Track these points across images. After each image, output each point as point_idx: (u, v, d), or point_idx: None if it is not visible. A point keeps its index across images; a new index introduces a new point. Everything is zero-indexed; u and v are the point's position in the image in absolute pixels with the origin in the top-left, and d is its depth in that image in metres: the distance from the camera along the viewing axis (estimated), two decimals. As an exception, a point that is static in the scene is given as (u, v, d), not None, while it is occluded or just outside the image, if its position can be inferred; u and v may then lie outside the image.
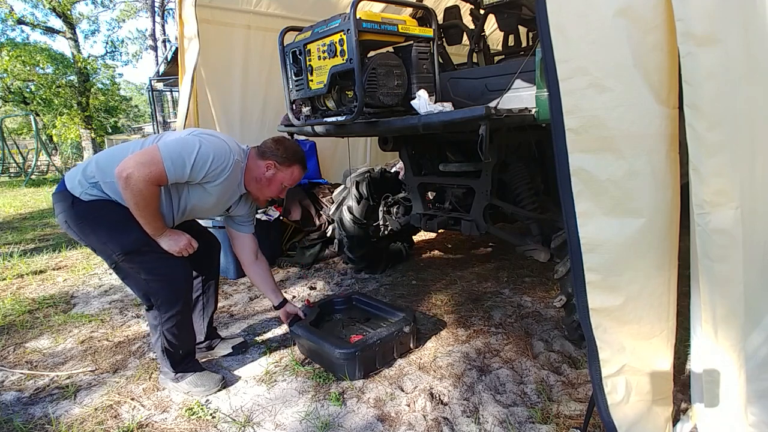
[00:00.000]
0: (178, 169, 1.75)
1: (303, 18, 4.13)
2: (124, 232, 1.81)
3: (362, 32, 2.03)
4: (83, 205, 1.82)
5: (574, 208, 1.25)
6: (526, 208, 2.68)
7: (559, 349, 2.21)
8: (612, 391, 1.34)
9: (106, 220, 1.82)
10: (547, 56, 1.19)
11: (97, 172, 1.83)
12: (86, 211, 1.82)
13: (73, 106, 18.72)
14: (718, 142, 1.13)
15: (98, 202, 1.82)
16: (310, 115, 2.43)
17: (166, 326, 1.91)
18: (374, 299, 2.61)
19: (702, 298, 1.29)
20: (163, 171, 1.72)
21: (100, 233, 1.83)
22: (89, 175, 1.84)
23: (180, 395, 1.98)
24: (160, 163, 1.71)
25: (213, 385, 2.00)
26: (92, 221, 1.83)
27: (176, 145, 1.77)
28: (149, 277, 1.87)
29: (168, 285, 1.89)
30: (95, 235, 1.84)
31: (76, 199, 1.82)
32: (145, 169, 1.68)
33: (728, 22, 1.08)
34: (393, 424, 1.75)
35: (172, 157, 1.73)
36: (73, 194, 1.83)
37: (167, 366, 2.00)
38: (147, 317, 1.97)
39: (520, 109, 1.95)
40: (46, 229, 5.87)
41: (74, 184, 1.84)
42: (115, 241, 1.82)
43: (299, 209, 3.88)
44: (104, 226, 1.83)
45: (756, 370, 1.30)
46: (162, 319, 1.90)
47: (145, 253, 1.84)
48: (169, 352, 1.97)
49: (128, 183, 1.68)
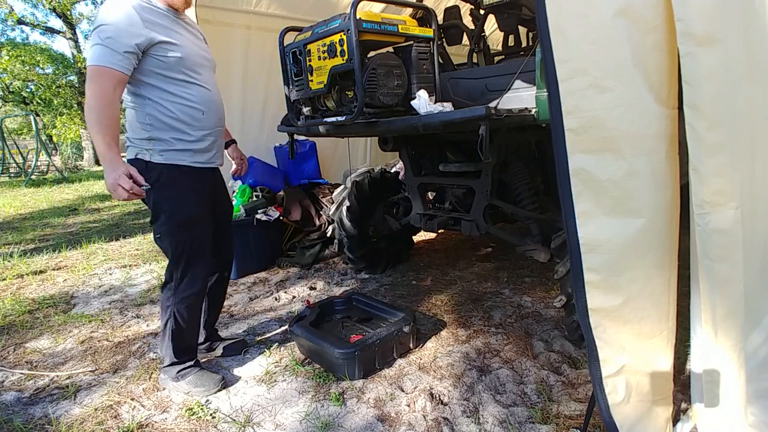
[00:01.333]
0: (110, 53, 1.67)
1: (303, 18, 4.13)
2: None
3: (362, 32, 2.03)
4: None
5: (574, 209, 1.25)
6: (526, 208, 2.68)
7: (559, 349, 2.21)
8: (612, 392, 1.34)
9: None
10: (546, 57, 1.19)
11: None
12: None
13: (73, 106, 18.73)
14: (718, 142, 1.13)
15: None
16: (310, 115, 2.43)
17: (179, 306, 1.94)
18: (374, 299, 2.61)
19: (702, 298, 1.29)
20: (107, 70, 1.68)
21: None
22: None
23: (180, 395, 1.98)
24: (99, 69, 1.68)
25: (213, 386, 2.00)
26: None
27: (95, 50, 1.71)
28: (182, 251, 1.92)
29: (193, 265, 1.94)
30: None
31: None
32: (94, 85, 1.68)
33: (728, 22, 1.08)
34: (393, 424, 1.75)
35: (101, 51, 1.68)
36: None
37: (169, 353, 1.99)
38: (161, 299, 1.99)
39: (520, 109, 1.95)
40: (46, 229, 5.87)
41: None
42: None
43: (299, 209, 3.88)
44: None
45: (756, 370, 1.30)
46: (176, 298, 1.93)
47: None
48: (175, 336, 1.97)
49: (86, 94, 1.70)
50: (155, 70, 1.79)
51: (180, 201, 1.90)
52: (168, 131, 1.85)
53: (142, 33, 1.72)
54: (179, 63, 1.84)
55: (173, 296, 1.94)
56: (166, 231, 1.91)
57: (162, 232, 1.92)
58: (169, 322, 1.96)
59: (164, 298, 1.97)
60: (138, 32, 1.71)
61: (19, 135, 23.59)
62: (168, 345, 1.99)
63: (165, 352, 2.02)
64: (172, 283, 1.95)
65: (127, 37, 1.69)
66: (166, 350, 2.01)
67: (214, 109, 1.98)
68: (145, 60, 1.77)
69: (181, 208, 1.89)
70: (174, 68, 1.82)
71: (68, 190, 10.40)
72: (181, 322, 1.97)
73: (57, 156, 17.41)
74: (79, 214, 7.06)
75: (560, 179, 1.25)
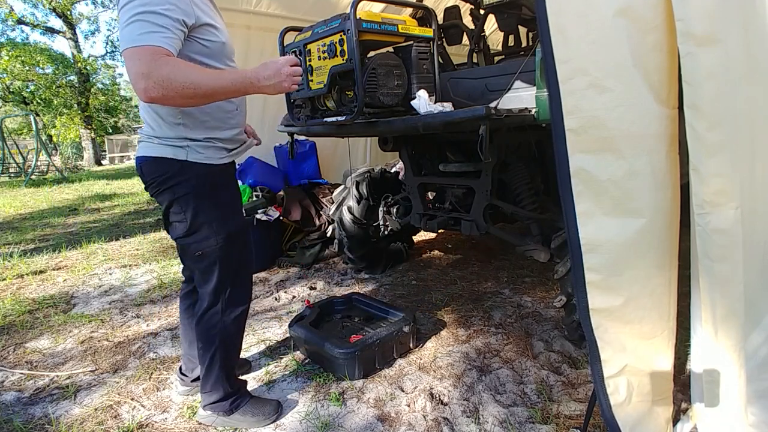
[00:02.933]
0: (157, 30, 1.33)
1: (303, 18, 4.12)
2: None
3: (362, 32, 2.03)
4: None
5: (575, 209, 1.25)
6: (526, 208, 2.68)
7: (559, 349, 2.21)
8: (614, 392, 1.34)
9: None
10: (547, 57, 1.19)
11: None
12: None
13: (73, 106, 18.75)
14: (719, 142, 1.13)
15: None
16: (310, 115, 2.43)
17: (230, 328, 1.68)
18: (374, 299, 2.61)
19: (702, 298, 1.29)
20: (149, 49, 1.31)
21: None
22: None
23: (180, 396, 1.98)
24: (147, 48, 1.31)
25: (271, 412, 1.78)
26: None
27: (134, 26, 1.33)
28: (230, 267, 1.65)
29: (243, 277, 1.72)
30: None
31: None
32: (144, 67, 1.30)
33: (728, 22, 1.08)
34: (393, 424, 1.75)
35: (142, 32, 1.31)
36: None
37: (221, 386, 1.71)
38: (200, 328, 1.68)
39: (520, 109, 1.95)
40: (46, 229, 5.87)
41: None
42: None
43: (299, 209, 3.88)
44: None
45: (756, 370, 1.30)
46: (225, 321, 1.66)
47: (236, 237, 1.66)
48: (224, 364, 1.70)
49: (146, 89, 1.30)
50: (196, 57, 1.47)
51: (228, 207, 1.63)
52: (202, 131, 1.55)
53: (190, 10, 1.41)
54: (222, 50, 1.55)
55: (221, 320, 1.66)
56: (213, 246, 1.59)
57: (206, 248, 1.59)
58: (217, 351, 1.67)
59: (207, 326, 1.66)
60: (185, 8, 1.39)
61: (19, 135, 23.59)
62: (217, 377, 1.70)
63: (212, 387, 1.72)
64: (217, 306, 1.65)
65: (176, 12, 1.36)
66: (214, 385, 1.71)
67: (243, 105, 1.74)
68: (186, 44, 1.44)
69: (230, 216, 1.63)
70: (216, 56, 1.53)
71: (68, 190, 10.40)
72: (230, 344, 1.71)
73: (57, 156, 17.43)
74: (79, 214, 7.06)
75: (561, 179, 1.25)
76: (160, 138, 1.53)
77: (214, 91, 1.38)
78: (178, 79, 1.31)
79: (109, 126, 25.96)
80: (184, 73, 1.32)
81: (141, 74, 1.29)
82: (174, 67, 1.32)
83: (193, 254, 1.61)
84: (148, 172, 1.56)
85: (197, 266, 1.64)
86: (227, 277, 1.64)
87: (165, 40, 1.33)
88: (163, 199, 1.58)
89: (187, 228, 1.57)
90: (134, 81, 1.31)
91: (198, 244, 1.59)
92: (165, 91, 1.30)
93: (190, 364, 1.94)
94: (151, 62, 1.29)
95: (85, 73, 18.40)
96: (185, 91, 1.33)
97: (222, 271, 1.62)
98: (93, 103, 19.31)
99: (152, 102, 1.36)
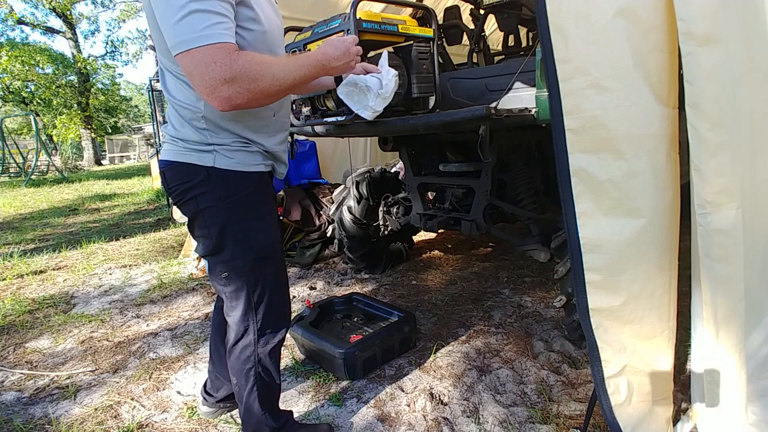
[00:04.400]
0: (216, 20, 1.11)
1: (303, 18, 4.12)
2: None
3: (362, 32, 2.03)
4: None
5: (575, 209, 1.25)
6: (526, 208, 2.68)
7: (559, 349, 2.21)
8: (615, 392, 1.34)
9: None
10: (547, 57, 1.19)
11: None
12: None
13: (73, 106, 18.75)
14: (720, 142, 1.13)
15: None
16: (310, 115, 2.43)
17: (265, 361, 1.47)
18: (374, 299, 2.61)
19: (703, 297, 1.30)
20: (222, 48, 1.10)
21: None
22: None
23: (180, 396, 1.98)
24: (205, 50, 1.09)
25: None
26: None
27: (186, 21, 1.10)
28: (262, 291, 1.42)
29: (278, 302, 1.48)
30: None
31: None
32: (226, 71, 1.10)
33: (729, 22, 1.08)
34: (393, 424, 1.75)
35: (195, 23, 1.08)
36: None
37: (265, 423, 1.52)
38: (232, 361, 1.48)
39: (520, 109, 1.95)
40: (46, 229, 5.87)
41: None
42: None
43: (299, 209, 3.88)
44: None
45: (757, 369, 1.30)
46: (260, 353, 1.46)
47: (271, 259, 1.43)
48: (265, 400, 1.50)
49: (229, 97, 1.12)
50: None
51: (261, 223, 1.39)
52: (229, 134, 1.32)
53: None
54: (261, 40, 1.28)
55: (254, 353, 1.44)
56: (241, 267, 1.36)
57: (233, 269, 1.37)
58: (255, 388, 1.47)
59: (241, 360, 1.45)
60: None
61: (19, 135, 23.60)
62: (259, 417, 1.50)
63: (255, 427, 1.52)
64: (250, 336, 1.43)
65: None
66: (256, 425, 1.52)
67: (284, 108, 1.49)
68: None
69: (262, 234, 1.39)
70: (254, 47, 1.25)
71: (68, 190, 10.40)
72: (269, 379, 1.49)
73: (57, 156, 17.42)
74: (79, 214, 7.06)
75: (561, 179, 1.25)
76: (184, 141, 1.31)
77: (294, 82, 1.22)
78: (264, 78, 1.14)
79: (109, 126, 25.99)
80: (264, 70, 1.14)
81: (224, 80, 1.09)
82: (251, 63, 1.12)
83: (218, 275, 1.40)
84: (171, 179, 1.35)
85: (224, 290, 1.42)
86: (259, 304, 1.42)
87: (228, 32, 1.12)
88: (187, 210, 1.37)
89: (212, 245, 1.36)
90: (212, 89, 1.10)
91: (224, 264, 1.37)
92: (251, 95, 1.13)
93: (218, 383, 1.77)
94: (232, 64, 1.09)
95: (85, 73, 18.41)
96: (270, 90, 1.16)
97: (251, 296, 1.40)
98: (93, 103, 19.33)
99: (236, 109, 1.17)
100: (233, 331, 1.45)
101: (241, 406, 1.52)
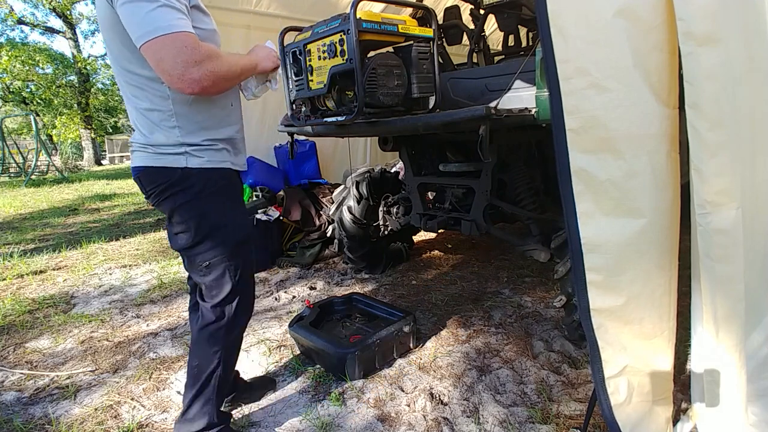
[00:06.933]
0: (177, 14, 1.24)
1: (303, 18, 4.13)
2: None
3: (362, 32, 2.03)
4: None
5: (575, 209, 1.25)
6: (526, 208, 2.68)
7: (559, 349, 2.21)
8: (615, 392, 1.34)
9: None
10: (547, 56, 1.19)
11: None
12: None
13: (73, 106, 18.76)
14: (720, 142, 1.13)
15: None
16: (310, 115, 2.43)
17: (230, 347, 1.57)
18: (374, 299, 2.61)
19: (703, 297, 1.30)
20: (190, 36, 1.24)
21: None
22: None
23: (180, 396, 1.98)
24: (177, 36, 1.22)
25: None
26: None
27: (146, 17, 1.21)
28: (242, 275, 1.53)
29: (248, 289, 1.60)
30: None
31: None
32: (195, 54, 1.24)
33: (729, 22, 1.08)
34: (393, 424, 1.75)
35: (158, 19, 1.21)
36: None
37: (209, 412, 1.55)
38: (201, 343, 1.54)
39: (520, 109, 1.95)
40: (46, 229, 5.87)
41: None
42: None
43: (299, 209, 3.88)
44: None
45: (757, 369, 1.30)
46: (229, 338, 1.55)
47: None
48: (221, 387, 1.57)
49: (199, 79, 1.25)
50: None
51: (235, 215, 1.52)
52: (198, 132, 1.43)
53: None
54: (213, 38, 1.41)
55: (225, 335, 1.53)
56: (220, 255, 1.47)
57: (213, 258, 1.47)
58: (215, 371, 1.53)
59: (211, 342, 1.52)
60: None
61: (19, 135, 23.60)
62: (206, 401, 1.54)
63: (197, 414, 1.54)
64: (224, 320, 1.52)
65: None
66: (199, 412, 1.54)
67: (238, 101, 1.61)
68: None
69: (238, 225, 1.52)
70: (207, 43, 1.35)
71: (68, 190, 10.40)
72: (229, 364, 1.58)
73: (57, 156, 17.42)
74: (79, 214, 7.06)
75: (561, 179, 1.25)
76: (156, 146, 1.40)
77: (242, 71, 1.40)
78: (224, 64, 1.29)
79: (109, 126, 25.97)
80: (222, 57, 1.30)
81: (194, 62, 1.21)
82: (213, 50, 1.29)
83: (199, 266, 1.49)
84: (147, 182, 1.45)
85: (204, 279, 1.50)
86: (235, 291, 1.52)
87: (190, 27, 1.26)
88: (165, 208, 1.47)
89: (192, 237, 1.46)
90: (184, 70, 1.21)
91: (204, 254, 1.47)
92: (215, 78, 1.27)
93: None
94: (200, 49, 1.23)
95: (85, 73, 18.40)
96: (229, 74, 1.32)
97: (231, 282, 1.50)
98: (93, 103, 19.32)
99: (201, 93, 1.30)
100: (211, 315, 1.52)
101: (190, 390, 1.55)
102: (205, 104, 1.43)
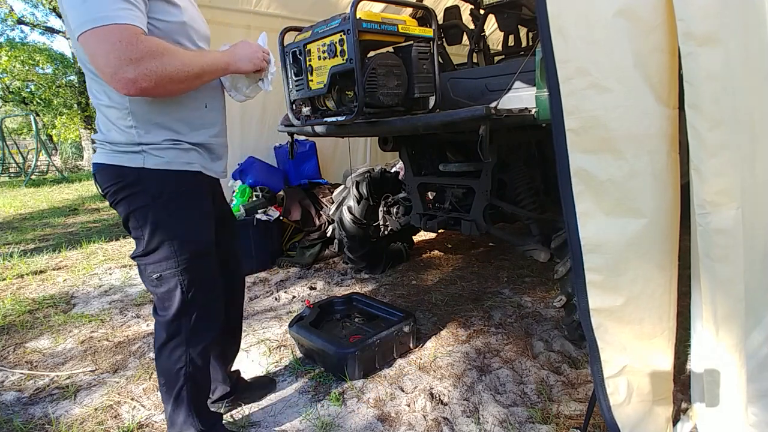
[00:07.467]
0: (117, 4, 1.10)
1: (303, 18, 4.12)
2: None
3: (362, 32, 2.03)
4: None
5: (575, 209, 1.25)
6: (526, 208, 2.68)
7: (559, 349, 2.21)
8: (614, 392, 1.34)
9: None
10: (547, 57, 1.19)
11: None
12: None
13: (73, 106, 18.73)
14: (720, 142, 1.13)
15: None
16: (310, 115, 2.43)
17: (196, 360, 1.45)
18: (374, 299, 2.61)
19: (703, 297, 1.29)
20: (129, 29, 1.11)
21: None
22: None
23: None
24: (111, 29, 1.09)
25: None
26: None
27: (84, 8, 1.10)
28: (196, 291, 1.41)
29: (209, 304, 1.47)
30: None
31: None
32: (131, 51, 1.10)
33: (729, 22, 1.08)
34: (393, 424, 1.75)
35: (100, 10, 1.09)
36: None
37: (191, 423, 1.50)
38: (161, 363, 1.46)
39: (520, 109, 1.95)
40: (46, 229, 5.87)
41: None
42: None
43: (299, 209, 3.88)
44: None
45: (757, 369, 1.30)
46: (190, 353, 1.44)
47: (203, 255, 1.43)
48: (194, 399, 1.50)
49: (135, 79, 1.12)
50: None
51: (194, 222, 1.38)
52: (160, 132, 1.32)
53: None
54: (181, 30, 1.28)
55: (185, 353, 1.43)
56: (172, 269, 1.35)
57: (164, 270, 1.35)
58: (184, 387, 1.45)
59: (172, 359, 1.43)
60: None
61: (19, 135, 23.60)
62: (187, 415, 1.49)
63: (183, 423, 1.50)
64: (180, 336, 1.42)
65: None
66: (185, 422, 1.50)
67: (217, 102, 1.48)
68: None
69: (196, 234, 1.38)
70: (174, 37, 1.26)
71: (68, 190, 10.40)
72: (199, 379, 1.49)
73: (57, 156, 17.42)
74: (79, 214, 7.06)
75: (561, 179, 1.25)
76: (111, 144, 1.30)
77: (202, 71, 1.24)
78: (172, 63, 1.14)
79: (109, 126, 25.90)
80: (171, 54, 1.15)
81: (129, 60, 1.08)
82: (158, 46, 1.13)
83: (149, 277, 1.37)
84: (102, 181, 1.34)
85: (156, 290, 1.39)
86: (191, 306, 1.40)
87: (136, 19, 1.11)
88: (120, 210, 1.35)
89: (144, 246, 1.34)
90: (115, 70, 1.09)
91: (155, 265, 1.35)
92: (158, 78, 1.12)
93: (211, 385, 1.78)
94: (138, 44, 1.08)
95: (84, 74, 18.40)
96: (178, 75, 1.16)
97: (185, 296, 1.38)
98: (93, 103, 19.31)
99: (140, 95, 1.17)
100: (164, 331, 1.43)
101: (168, 406, 1.49)
102: (168, 105, 1.30)
